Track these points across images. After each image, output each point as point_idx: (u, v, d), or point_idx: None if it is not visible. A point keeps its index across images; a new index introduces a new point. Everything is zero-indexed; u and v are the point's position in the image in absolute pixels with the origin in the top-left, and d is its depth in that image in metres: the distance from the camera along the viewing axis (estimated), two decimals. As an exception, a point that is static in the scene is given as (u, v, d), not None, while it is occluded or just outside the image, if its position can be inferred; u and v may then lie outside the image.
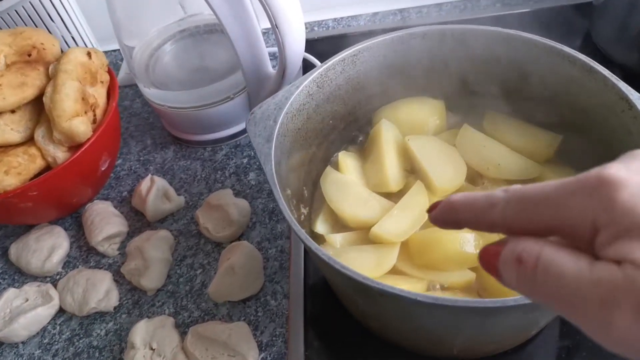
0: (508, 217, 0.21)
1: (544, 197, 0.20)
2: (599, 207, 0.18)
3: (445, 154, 0.49)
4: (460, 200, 0.23)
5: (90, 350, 0.51)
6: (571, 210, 0.19)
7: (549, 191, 0.20)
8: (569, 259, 0.19)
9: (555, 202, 0.19)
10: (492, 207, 0.21)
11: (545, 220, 0.20)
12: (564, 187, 0.19)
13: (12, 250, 0.59)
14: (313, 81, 0.48)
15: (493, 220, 0.21)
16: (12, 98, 0.51)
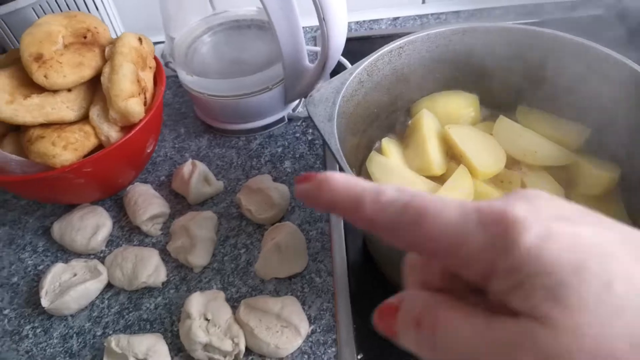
0: (394, 222, 0.19)
1: (444, 221, 0.18)
2: (500, 249, 0.17)
3: (484, 141, 0.53)
4: (340, 180, 0.20)
5: (141, 322, 0.53)
6: (469, 246, 0.17)
7: (451, 216, 0.18)
8: (465, 321, 0.18)
9: (455, 230, 0.18)
10: (377, 203, 0.19)
11: (438, 246, 0.18)
12: (466, 215, 0.18)
13: (55, 229, 0.60)
14: (364, 69, 0.51)
15: (373, 217, 0.19)
16: (72, 77, 0.53)
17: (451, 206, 0.18)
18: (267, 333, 0.49)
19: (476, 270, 0.18)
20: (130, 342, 0.48)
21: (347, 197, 0.20)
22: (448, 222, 0.18)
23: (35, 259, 0.60)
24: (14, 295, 0.57)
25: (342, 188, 0.20)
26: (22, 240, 0.62)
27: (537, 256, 0.16)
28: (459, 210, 0.18)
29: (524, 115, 0.55)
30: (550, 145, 0.51)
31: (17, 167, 0.54)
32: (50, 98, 0.53)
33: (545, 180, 0.50)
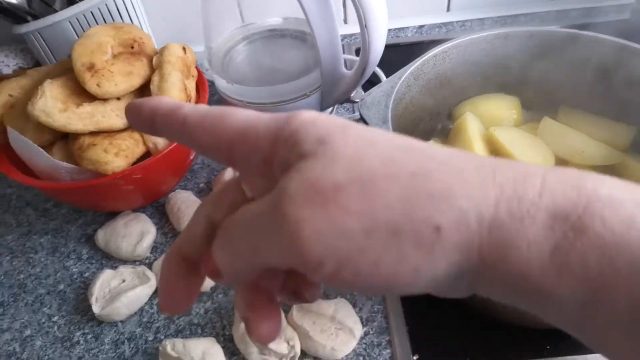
0: (203, 116, 0.22)
1: (242, 116, 0.21)
2: (283, 123, 0.20)
3: (530, 142, 0.53)
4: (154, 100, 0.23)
5: (192, 327, 0.53)
6: (258, 128, 0.20)
7: (248, 113, 0.21)
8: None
9: (248, 120, 0.21)
10: (193, 107, 0.22)
11: (234, 133, 0.21)
12: (260, 114, 0.21)
13: (100, 236, 0.61)
14: (411, 73, 0.52)
15: (187, 115, 0.22)
16: (123, 85, 0.54)
17: (250, 111, 0.22)
18: (323, 335, 0.49)
19: (263, 151, 0.20)
20: (185, 346, 0.48)
21: (168, 104, 0.23)
22: (246, 116, 0.21)
23: (80, 267, 0.61)
24: (62, 302, 0.57)
25: (166, 101, 0.23)
26: (65, 249, 0.63)
27: (312, 122, 0.19)
28: (255, 113, 0.21)
29: (567, 116, 0.56)
30: (597, 145, 0.52)
31: (67, 174, 0.54)
32: (101, 107, 0.54)
33: (594, 179, 0.50)
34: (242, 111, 0.22)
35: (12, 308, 0.58)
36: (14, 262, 0.62)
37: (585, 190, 0.17)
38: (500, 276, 0.17)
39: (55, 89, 0.52)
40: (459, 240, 0.17)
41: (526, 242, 0.16)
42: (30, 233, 0.65)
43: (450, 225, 0.17)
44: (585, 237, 0.16)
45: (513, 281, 0.17)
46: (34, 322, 0.56)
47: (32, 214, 0.68)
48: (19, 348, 0.54)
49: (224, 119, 0.21)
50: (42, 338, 0.54)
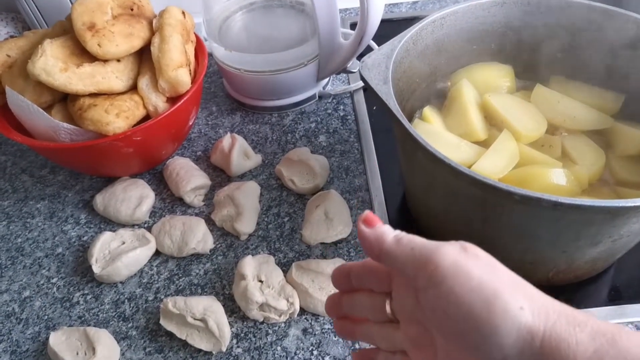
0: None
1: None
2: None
3: (524, 107, 0.55)
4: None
5: (192, 287, 0.54)
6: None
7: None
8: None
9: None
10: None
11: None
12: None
13: (98, 200, 0.61)
14: (410, 38, 0.53)
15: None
16: (124, 46, 0.54)
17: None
18: (322, 292, 0.50)
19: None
20: (187, 303, 0.49)
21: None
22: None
23: (78, 230, 0.61)
24: (60, 264, 0.58)
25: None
26: (62, 214, 0.63)
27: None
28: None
29: (559, 85, 0.58)
30: (588, 110, 0.53)
31: (67, 135, 0.55)
32: (101, 68, 0.54)
33: (585, 143, 0.52)
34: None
35: (10, 270, 0.58)
36: (10, 227, 0.62)
37: (617, 325, 0.24)
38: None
39: (55, 49, 0.52)
40: (532, 322, 0.24)
41: (575, 341, 0.23)
42: (26, 199, 0.65)
43: (532, 309, 0.24)
44: (615, 348, 0.23)
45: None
46: (33, 283, 0.56)
47: (28, 180, 0.68)
48: (18, 308, 0.54)
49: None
50: (42, 299, 0.55)
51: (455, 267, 0.25)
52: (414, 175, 0.52)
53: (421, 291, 0.27)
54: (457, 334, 0.25)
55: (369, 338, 0.35)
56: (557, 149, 0.52)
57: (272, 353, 0.48)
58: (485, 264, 0.26)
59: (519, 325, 0.24)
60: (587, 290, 0.51)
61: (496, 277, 0.25)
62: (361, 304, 0.34)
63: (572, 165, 0.50)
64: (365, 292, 0.34)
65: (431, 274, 0.26)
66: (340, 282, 0.35)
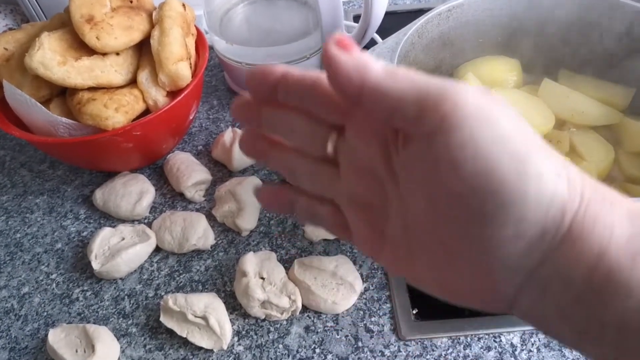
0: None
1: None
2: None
3: (531, 102, 0.54)
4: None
5: (193, 284, 0.53)
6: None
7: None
8: None
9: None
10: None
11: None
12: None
13: (98, 195, 0.60)
14: (416, 30, 0.52)
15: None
16: (123, 39, 0.53)
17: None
18: (324, 290, 0.49)
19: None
20: (187, 300, 0.48)
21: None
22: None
23: (77, 226, 0.60)
24: (59, 260, 0.57)
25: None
26: (62, 209, 0.62)
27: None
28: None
29: (567, 79, 0.57)
30: (597, 105, 0.52)
31: (65, 130, 0.54)
32: (100, 61, 0.53)
33: (594, 138, 0.51)
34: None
35: (9, 266, 0.57)
36: (9, 222, 0.62)
37: None
38: (579, 251, 0.18)
39: (53, 42, 0.51)
40: (567, 195, 0.19)
41: (611, 222, 0.18)
42: (25, 194, 0.65)
43: (568, 178, 0.19)
44: None
45: (587, 259, 0.18)
46: (32, 279, 0.56)
47: (27, 175, 0.67)
48: (16, 305, 0.54)
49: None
50: (41, 295, 0.54)
51: (480, 111, 0.19)
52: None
53: (418, 141, 0.20)
54: (461, 198, 0.19)
55: (289, 171, 0.27)
56: (565, 145, 0.51)
57: (273, 351, 0.48)
58: (513, 114, 0.20)
59: (553, 195, 0.18)
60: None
61: (528, 132, 0.20)
62: (292, 124, 0.25)
63: (581, 161, 0.49)
64: (300, 114, 0.25)
65: (445, 115, 0.19)
66: (260, 83, 0.24)
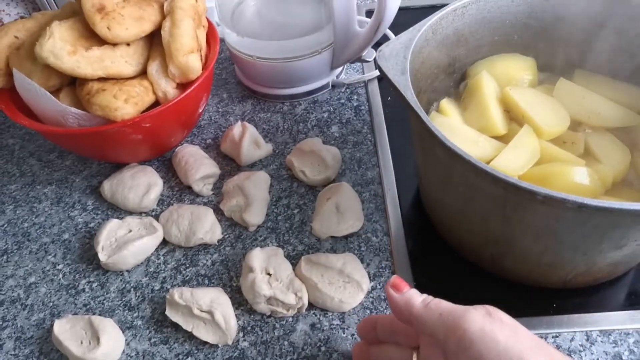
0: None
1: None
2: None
3: (546, 102, 0.53)
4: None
5: (199, 277, 0.53)
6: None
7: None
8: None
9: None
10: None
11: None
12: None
13: (106, 187, 0.60)
14: (430, 26, 0.51)
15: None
16: (134, 30, 0.52)
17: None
18: (331, 288, 0.49)
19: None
20: (193, 294, 0.48)
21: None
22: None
23: (85, 217, 0.60)
24: (66, 251, 0.57)
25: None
26: (70, 199, 0.62)
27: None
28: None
29: (583, 79, 0.55)
30: (614, 107, 0.51)
31: (75, 120, 0.53)
32: (110, 51, 0.52)
33: (610, 141, 0.50)
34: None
35: (16, 255, 0.57)
36: (17, 211, 0.62)
37: None
38: None
39: (63, 31, 0.51)
40: None
41: None
42: (34, 183, 0.65)
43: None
44: None
45: None
46: (39, 269, 0.56)
47: (36, 164, 0.67)
48: (23, 294, 0.54)
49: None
50: (47, 285, 0.54)
51: (482, 333, 0.28)
52: (429, 170, 0.51)
53: (451, 354, 0.29)
54: None
55: None
56: (580, 146, 0.50)
57: (278, 348, 0.47)
58: (509, 329, 0.28)
59: None
60: (604, 293, 0.50)
61: (519, 341, 0.28)
62: (389, 355, 0.38)
63: (596, 164, 0.48)
64: (393, 345, 0.38)
65: (460, 338, 0.28)
66: (366, 332, 0.40)
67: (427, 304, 0.32)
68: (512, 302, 0.45)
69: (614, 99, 0.52)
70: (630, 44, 0.52)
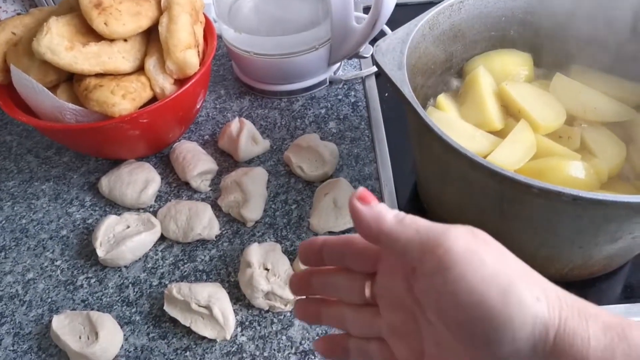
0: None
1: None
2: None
3: (542, 97, 0.53)
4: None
5: (197, 273, 0.53)
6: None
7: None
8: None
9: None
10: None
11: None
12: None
13: (104, 183, 0.60)
14: (427, 22, 0.51)
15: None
16: (131, 25, 0.52)
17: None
18: (329, 282, 0.49)
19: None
20: (191, 290, 0.48)
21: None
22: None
23: (83, 213, 0.60)
24: (64, 247, 0.57)
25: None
26: (68, 195, 0.62)
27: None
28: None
29: (579, 74, 0.56)
30: (610, 102, 0.52)
31: (72, 116, 0.53)
32: (107, 47, 0.53)
33: (606, 135, 0.50)
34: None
35: (14, 252, 0.57)
36: (15, 208, 0.62)
37: (627, 319, 0.24)
38: (566, 358, 0.23)
39: (61, 27, 0.51)
40: (547, 315, 0.23)
41: (587, 336, 0.22)
42: (31, 180, 0.65)
43: (547, 301, 0.23)
44: (625, 342, 0.23)
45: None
46: (37, 265, 0.56)
47: (34, 161, 0.67)
48: (21, 290, 0.54)
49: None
50: (45, 281, 0.54)
51: (468, 252, 0.24)
52: (427, 165, 0.51)
53: (425, 276, 0.25)
54: (464, 323, 0.24)
55: (339, 322, 0.32)
56: (576, 141, 0.50)
57: (276, 342, 0.47)
58: (497, 252, 0.25)
59: (535, 318, 0.23)
60: (600, 286, 0.50)
61: (509, 265, 0.24)
62: (336, 284, 0.31)
63: (592, 158, 0.48)
64: (342, 271, 0.31)
65: (440, 258, 0.24)
66: (309, 257, 0.31)
67: (400, 220, 0.27)
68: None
69: (609, 94, 0.53)
70: (625, 40, 0.53)
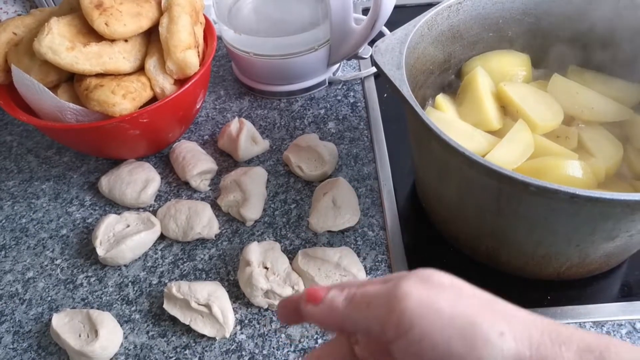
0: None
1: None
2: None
3: (540, 97, 0.53)
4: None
5: (197, 272, 0.53)
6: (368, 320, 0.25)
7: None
8: None
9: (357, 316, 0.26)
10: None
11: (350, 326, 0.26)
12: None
13: (103, 182, 0.60)
14: (425, 23, 0.51)
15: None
16: (131, 26, 0.53)
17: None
18: (327, 281, 0.49)
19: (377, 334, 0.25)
20: (191, 288, 0.48)
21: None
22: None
23: (83, 212, 0.60)
24: (64, 246, 0.57)
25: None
26: (68, 195, 0.62)
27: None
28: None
29: (577, 75, 0.56)
30: (607, 102, 0.52)
31: (73, 116, 0.54)
32: (108, 47, 0.53)
33: (603, 135, 0.51)
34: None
35: (14, 251, 0.57)
36: (15, 207, 0.62)
37: (605, 338, 0.23)
38: None
39: (62, 27, 0.51)
40: (515, 348, 0.22)
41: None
42: (31, 179, 0.65)
43: (513, 333, 0.23)
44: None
45: None
46: (37, 264, 0.56)
47: (34, 161, 0.67)
48: (21, 289, 0.54)
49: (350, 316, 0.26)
50: (45, 280, 0.54)
51: (421, 307, 0.23)
52: (425, 164, 0.51)
53: (392, 343, 0.24)
54: None
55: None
56: (574, 141, 0.51)
57: (276, 340, 0.48)
58: (452, 292, 0.24)
59: (503, 354, 0.22)
60: (598, 285, 0.50)
61: (466, 303, 0.24)
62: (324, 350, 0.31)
63: (589, 158, 0.49)
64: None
65: (397, 324, 0.23)
66: (288, 317, 0.31)
67: (350, 300, 0.26)
68: (507, 294, 0.46)
69: (606, 94, 0.53)
70: (622, 40, 0.53)
